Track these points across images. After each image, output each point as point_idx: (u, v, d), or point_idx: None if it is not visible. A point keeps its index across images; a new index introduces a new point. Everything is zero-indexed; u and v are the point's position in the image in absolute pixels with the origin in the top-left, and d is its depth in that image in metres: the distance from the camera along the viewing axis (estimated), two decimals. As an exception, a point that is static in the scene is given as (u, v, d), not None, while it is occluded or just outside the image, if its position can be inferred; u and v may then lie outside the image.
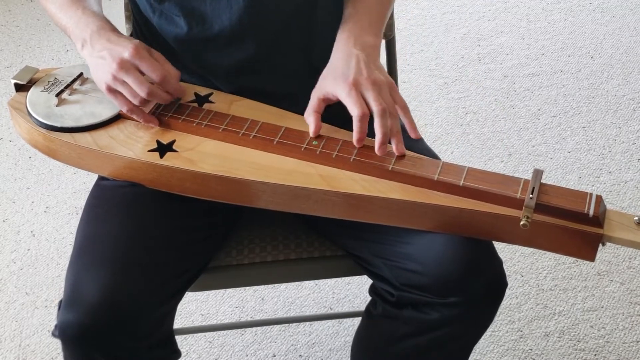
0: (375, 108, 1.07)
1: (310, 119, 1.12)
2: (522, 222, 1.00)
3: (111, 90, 1.13)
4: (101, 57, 1.13)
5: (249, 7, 1.17)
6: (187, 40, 1.21)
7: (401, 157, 1.09)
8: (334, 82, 1.11)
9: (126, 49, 1.11)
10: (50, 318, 1.80)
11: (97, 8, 1.21)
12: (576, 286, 1.84)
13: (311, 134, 1.12)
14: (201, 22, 1.19)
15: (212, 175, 1.10)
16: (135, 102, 1.13)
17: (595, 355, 1.70)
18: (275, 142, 1.12)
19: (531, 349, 1.72)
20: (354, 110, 1.08)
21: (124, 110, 1.16)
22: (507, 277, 1.14)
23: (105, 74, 1.12)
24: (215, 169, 1.10)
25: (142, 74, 1.12)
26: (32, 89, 1.23)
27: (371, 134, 1.09)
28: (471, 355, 1.26)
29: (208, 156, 1.12)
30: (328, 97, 1.12)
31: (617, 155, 2.19)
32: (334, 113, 1.28)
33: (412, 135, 1.11)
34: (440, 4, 2.85)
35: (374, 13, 1.21)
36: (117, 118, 1.18)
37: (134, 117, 1.16)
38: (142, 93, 1.11)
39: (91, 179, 2.06)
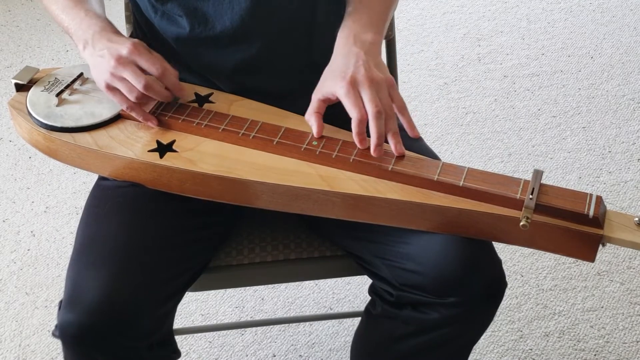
0: (370, 110, 1.06)
1: (311, 120, 1.12)
2: (521, 223, 1.00)
3: (110, 88, 1.14)
4: (101, 56, 1.13)
5: (251, 8, 1.17)
6: (188, 40, 1.21)
7: (401, 157, 1.09)
8: (333, 81, 1.10)
9: (124, 46, 1.12)
10: (50, 318, 1.80)
11: (99, 10, 1.21)
12: (576, 286, 1.84)
13: (315, 135, 1.12)
14: (203, 23, 1.19)
15: (212, 175, 1.10)
16: (132, 97, 1.13)
17: (595, 355, 1.70)
18: (275, 142, 1.12)
19: (531, 349, 1.72)
20: (352, 113, 1.07)
21: (124, 107, 1.16)
22: (507, 277, 1.14)
23: (104, 71, 1.12)
24: (215, 169, 1.10)
25: (142, 70, 1.13)
26: (32, 89, 1.23)
27: (369, 133, 1.09)
28: (471, 355, 1.26)
29: (208, 156, 1.12)
30: (328, 97, 1.11)
31: (617, 155, 2.19)
32: (335, 114, 1.28)
33: (411, 134, 1.10)
34: (440, 4, 2.85)
35: (376, 10, 1.20)
36: (118, 118, 1.18)
37: (134, 114, 1.16)
38: (139, 85, 1.11)
39: (91, 179, 2.06)
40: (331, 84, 1.11)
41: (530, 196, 1.02)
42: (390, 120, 1.08)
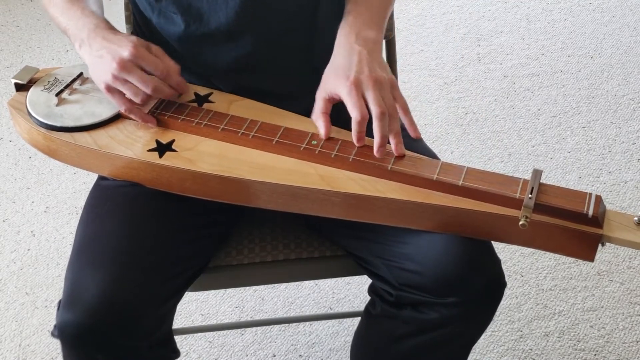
0: (374, 111, 1.07)
1: (319, 122, 1.12)
2: (520, 222, 1.00)
3: (110, 90, 1.14)
4: (99, 57, 1.13)
5: (244, 3, 1.17)
6: (185, 38, 1.21)
7: (400, 157, 1.09)
8: (336, 80, 1.10)
9: (125, 48, 1.11)
10: (50, 318, 1.80)
11: (96, 9, 1.21)
12: (576, 286, 1.84)
13: (322, 137, 1.11)
14: (198, 19, 1.19)
15: (211, 175, 1.10)
16: (137, 100, 1.13)
17: (595, 355, 1.70)
18: (274, 142, 1.12)
19: (531, 349, 1.72)
20: (353, 112, 1.07)
21: (123, 109, 1.16)
22: (507, 277, 1.14)
23: (104, 73, 1.12)
24: (215, 168, 1.10)
25: (144, 70, 1.13)
26: (32, 89, 1.23)
27: (370, 133, 1.09)
28: (471, 355, 1.26)
29: (207, 156, 1.12)
30: (332, 96, 1.11)
31: (617, 155, 2.19)
32: (337, 114, 1.28)
33: (412, 135, 1.10)
34: (440, 4, 2.85)
35: (375, 8, 1.20)
36: (117, 118, 1.18)
37: (132, 116, 1.16)
38: (148, 90, 1.12)
39: (91, 179, 2.06)
40: (335, 83, 1.11)
41: (530, 195, 1.02)
42: (393, 121, 1.08)
